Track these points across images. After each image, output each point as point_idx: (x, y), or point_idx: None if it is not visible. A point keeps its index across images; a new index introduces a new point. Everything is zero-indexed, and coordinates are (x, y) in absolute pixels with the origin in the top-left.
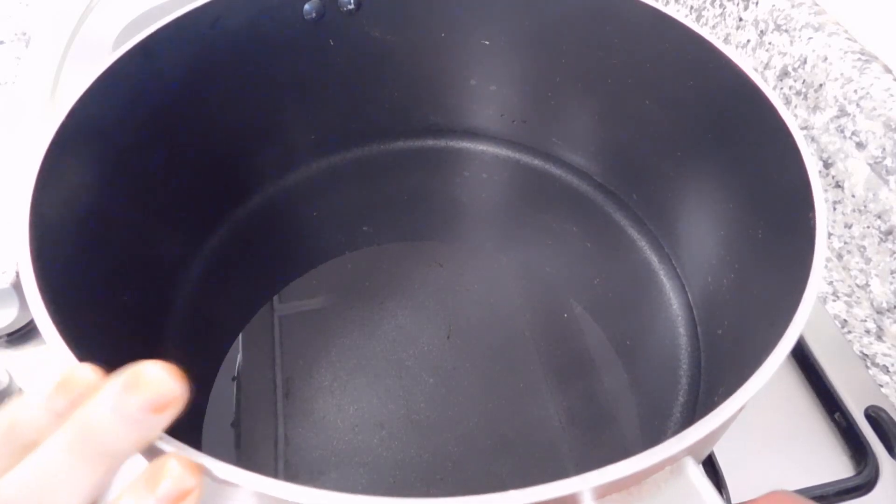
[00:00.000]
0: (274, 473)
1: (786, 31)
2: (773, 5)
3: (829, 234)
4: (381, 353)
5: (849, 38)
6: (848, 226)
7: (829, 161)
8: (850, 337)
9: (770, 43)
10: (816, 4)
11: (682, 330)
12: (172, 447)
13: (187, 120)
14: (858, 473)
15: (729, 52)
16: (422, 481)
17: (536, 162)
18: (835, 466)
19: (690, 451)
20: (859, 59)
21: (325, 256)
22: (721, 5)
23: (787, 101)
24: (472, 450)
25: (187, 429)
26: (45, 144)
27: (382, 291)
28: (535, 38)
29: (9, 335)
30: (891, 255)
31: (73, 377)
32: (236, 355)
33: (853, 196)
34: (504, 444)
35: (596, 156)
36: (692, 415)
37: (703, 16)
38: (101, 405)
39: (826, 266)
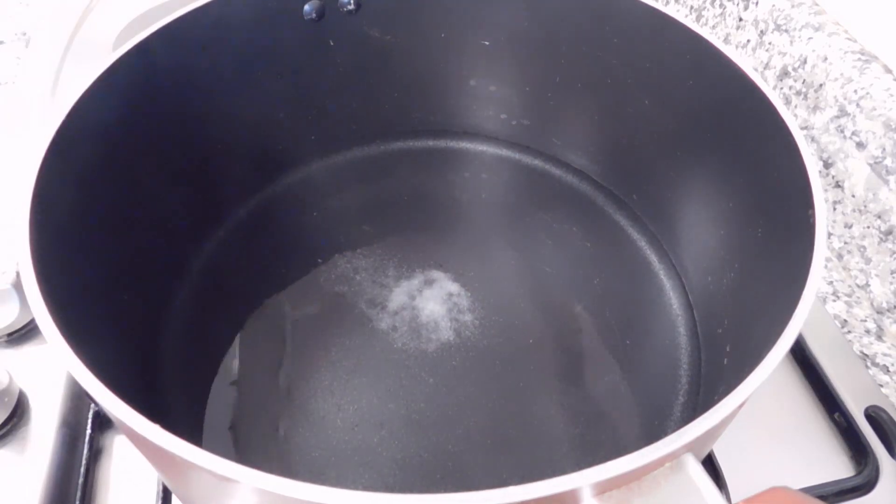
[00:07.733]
0: (274, 473)
1: (786, 31)
2: (773, 5)
3: (829, 234)
4: (381, 353)
5: (849, 38)
6: (848, 226)
7: (829, 161)
8: (850, 337)
9: (770, 43)
10: (816, 4)
11: (682, 330)
12: (174, 445)
13: (186, 120)
14: (858, 473)
15: (729, 52)
16: (422, 481)
17: (536, 162)
18: (835, 466)
19: (690, 447)
20: (859, 59)
21: (325, 256)
22: (721, 5)
23: (787, 101)
24: (473, 449)
25: (188, 428)
26: (45, 144)
27: (383, 291)
28: (534, 38)
29: (9, 335)
30: (891, 255)
31: None
32: (236, 355)
33: (853, 196)
34: (504, 443)
35: (596, 156)
36: (692, 414)
37: (703, 16)
38: None
39: (826, 266)
